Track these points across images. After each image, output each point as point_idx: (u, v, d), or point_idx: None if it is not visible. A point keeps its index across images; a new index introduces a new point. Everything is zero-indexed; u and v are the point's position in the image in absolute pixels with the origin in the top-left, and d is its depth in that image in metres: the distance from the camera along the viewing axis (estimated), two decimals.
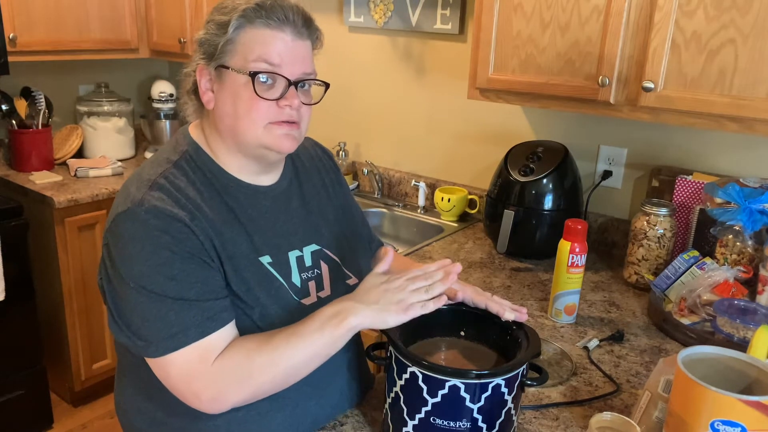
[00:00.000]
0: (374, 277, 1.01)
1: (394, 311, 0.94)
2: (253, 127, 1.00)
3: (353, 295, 0.99)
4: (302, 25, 1.01)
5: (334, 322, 0.94)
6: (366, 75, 2.50)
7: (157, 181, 0.99)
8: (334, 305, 0.97)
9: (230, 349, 0.95)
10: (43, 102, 2.55)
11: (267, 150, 1.03)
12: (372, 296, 0.97)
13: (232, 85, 1.00)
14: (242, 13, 0.98)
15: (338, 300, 0.99)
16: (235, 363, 0.93)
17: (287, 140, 1.02)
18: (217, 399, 0.94)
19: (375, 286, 0.99)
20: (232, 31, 0.99)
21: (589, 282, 1.72)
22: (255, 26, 0.99)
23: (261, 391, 0.96)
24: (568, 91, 1.62)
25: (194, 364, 0.93)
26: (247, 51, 0.98)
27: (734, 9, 1.34)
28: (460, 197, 2.21)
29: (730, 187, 1.49)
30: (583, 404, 1.17)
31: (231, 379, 0.93)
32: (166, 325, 0.92)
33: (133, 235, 0.94)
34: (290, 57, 1.00)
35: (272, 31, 0.99)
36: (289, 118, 1.01)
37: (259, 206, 1.07)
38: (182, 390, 0.94)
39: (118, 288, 0.96)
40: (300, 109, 1.02)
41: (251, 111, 0.99)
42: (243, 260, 1.02)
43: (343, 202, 1.26)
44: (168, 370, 0.94)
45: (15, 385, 2.32)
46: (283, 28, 0.99)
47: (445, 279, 0.99)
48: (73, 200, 2.33)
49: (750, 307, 1.34)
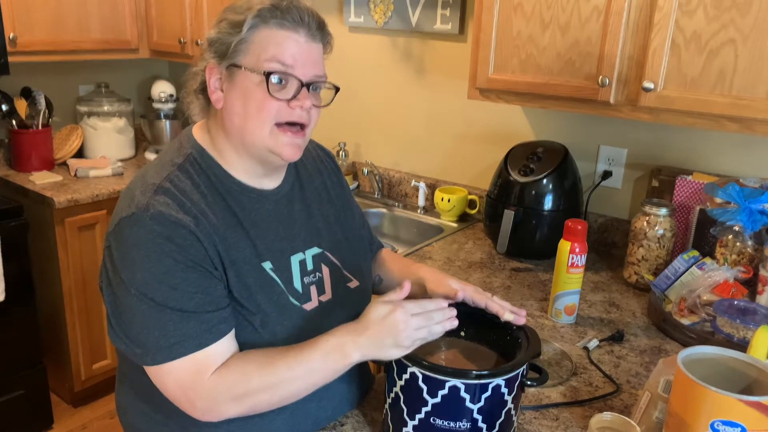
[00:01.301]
0: (378, 308, 0.98)
1: (397, 347, 0.94)
2: (261, 127, 1.00)
3: (357, 328, 0.97)
4: (316, 28, 1.01)
5: (336, 357, 0.95)
6: (366, 75, 2.50)
7: (162, 185, 0.98)
8: (339, 336, 0.96)
9: (229, 366, 0.95)
10: (43, 102, 2.55)
11: (271, 154, 1.02)
12: (375, 332, 0.95)
13: (243, 84, 0.99)
14: (257, 13, 0.98)
15: (343, 330, 0.97)
16: (233, 381, 0.94)
17: (291, 149, 1.02)
18: (213, 411, 0.94)
19: (379, 321, 0.96)
20: (246, 31, 0.98)
21: (589, 282, 1.72)
22: (269, 26, 0.98)
23: (257, 410, 0.97)
24: (568, 92, 1.62)
25: (191, 375, 0.93)
26: (260, 51, 0.98)
27: (734, 9, 1.34)
28: (460, 197, 2.21)
29: (730, 187, 1.49)
30: (583, 404, 1.17)
31: (227, 396, 0.94)
32: (164, 334, 0.93)
33: (137, 242, 0.94)
34: (303, 58, 1.00)
35: (286, 32, 0.99)
36: (299, 119, 1.01)
37: (262, 210, 1.07)
38: (178, 398, 0.95)
39: (118, 293, 0.96)
40: (310, 111, 1.02)
41: (262, 111, 0.99)
42: (245, 266, 1.01)
43: (344, 203, 1.25)
44: (164, 380, 0.95)
45: (15, 385, 2.32)
46: (297, 29, 0.99)
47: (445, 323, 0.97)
48: (73, 200, 2.33)
49: (750, 307, 1.34)
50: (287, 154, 1.02)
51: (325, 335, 0.97)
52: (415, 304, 0.98)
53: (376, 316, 0.96)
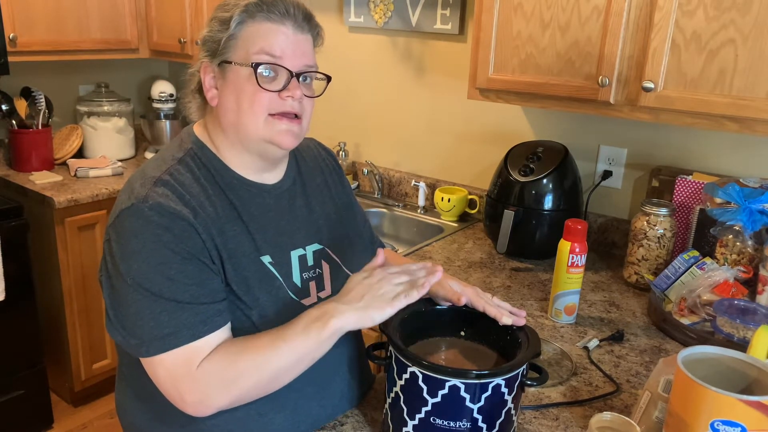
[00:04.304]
0: (355, 276, 1.00)
1: (378, 306, 0.93)
2: (255, 119, 1.01)
3: (337, 297, 0.98)
4: (303, 20, 1.03)
5: (317, 325, 0.94)
6: (366, 75, 2.50)
7: (161, 178, 0.99)
8: (319, 307, 0.97)
9: (216, 353, 0.95)
10: (43, 102, 2.55)
11: (268, 144, 1.03)
12: (354, 295, 0.96)
13: (235, 79, 1.01)
14: (244, 9, 1.00)
15: (323, 302, 0.98)
16: (220, 366, 0.93)
17: (288, 136, 1.03)
18: (203, 402, 0.94)
19: (357, 283, 0.98)
20: (234, 27, 1.00)
21: (589, 282, 1.72)
22: (256, 21, 1.00)
23: (247, 395, 0.96)
24: (568, 92, 1.62)
25: (181, 366, 0.93)
26: (249, 45, 1.00)
27: (734, 9, 1.34)
28: (460, 197, 2.21)
29: (730, 187, 1.49)
30: (583, 404, 1.17)
31: (215, 383, 0.93)
32: (159, 325, 0.93)
33: (136, 232, 0.95)
34: (292, 49, 1.01)
35: (273, 24, 1.01)
36: (291, 110, 1.02)
37: (262, 204, 1.08)
38: (169, 391, 0.95)
39: (115, 284, 0.96)
40: (302, 101, 1.03)
41: (253, 103, 1.00)
42: (244, 259, 1.02)
43: (346, 202, 1.26)
44: (157, 371, 0.95)
45: (15, 385, 2.32)
46: (284, 21, 1.01)
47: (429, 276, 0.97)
48: (73, 200, 2.33)
49: (750, 307, 1.34)
50: (284, 142, 1.03)
51: (309, 310, 0.97)
52: (396, 266, 1.00)
53: (354, 281, 0.99)
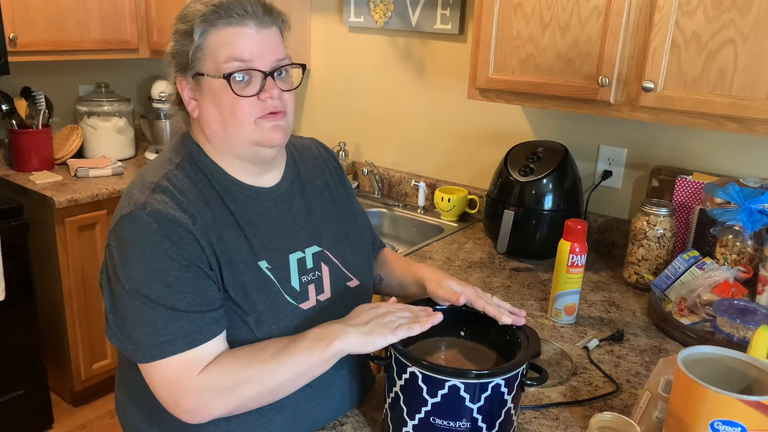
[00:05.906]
0: (364, 305, 1.04)
1: (381, 333, 0.95)
2: (242, 127, 1.01)
3: (344, 319, 1.00)
4: (263, 14, 1.01)
5: (322, 345, 0.95)
6: (366, 75, 2.50)
7: (160, 184, 0.99)
8: (325, 327, 0.98)
9: (217, 362, 0.95)
10: (43, 102, 2.55)
11: (258, 146, 1.03)
12: (361, 319, 0.98)
13: (211, 90, 1.01)
14: (202, 18, 0.98)
15: (329, 322, 0.99)
16: (221, 376, 0.94)
17: (276, 132, 1.02)
18: (200, 411, 0.94)
19: (364, 311, 1.01)
20: (198, 38, 0.99)
21: (589, 282, 1.72)
22: (218, 28, 0.99)
23: (245, 406, 0.96)
24: (568, 92, 1.62)
25: (179, 374, 0.93)
26: (216, 54, 0.99)
27: (734, 9, 1.34)
28: (460, 197, 2.21)
29: (730, 187, 1.49)
30: (583, 404, 1.17)
31: (215, 392, 0.93)
32: (155, 332, 0.93)
33: (134, 239, 0.95)
34: (259, 49, 1.00)
35: (235, 28, 0.99)
36: (274, 109, 1.01)
37: (260, 208, 1.07)
38: (165, 398, 0.95)
39: (114, 289, 0.97)
40: (282, 96, 1.02)
41: (236, 112, 1.00)
42: (241, 264, 1.02)
43: (346, 202, 1.26)
44: (153, 378, 0.95)
45: (15, 385, 2.32)
46: (245, 22, 0.99)
47: (429, 317, 0.99)
48: (73, 200, 2.33)
49: (750, 307, 1.34)
50: (273, 139, 1.02)
51: (314, 328, 0.99)
52: (401, 305, 1.04)
53: (362, 309, 1.02)
